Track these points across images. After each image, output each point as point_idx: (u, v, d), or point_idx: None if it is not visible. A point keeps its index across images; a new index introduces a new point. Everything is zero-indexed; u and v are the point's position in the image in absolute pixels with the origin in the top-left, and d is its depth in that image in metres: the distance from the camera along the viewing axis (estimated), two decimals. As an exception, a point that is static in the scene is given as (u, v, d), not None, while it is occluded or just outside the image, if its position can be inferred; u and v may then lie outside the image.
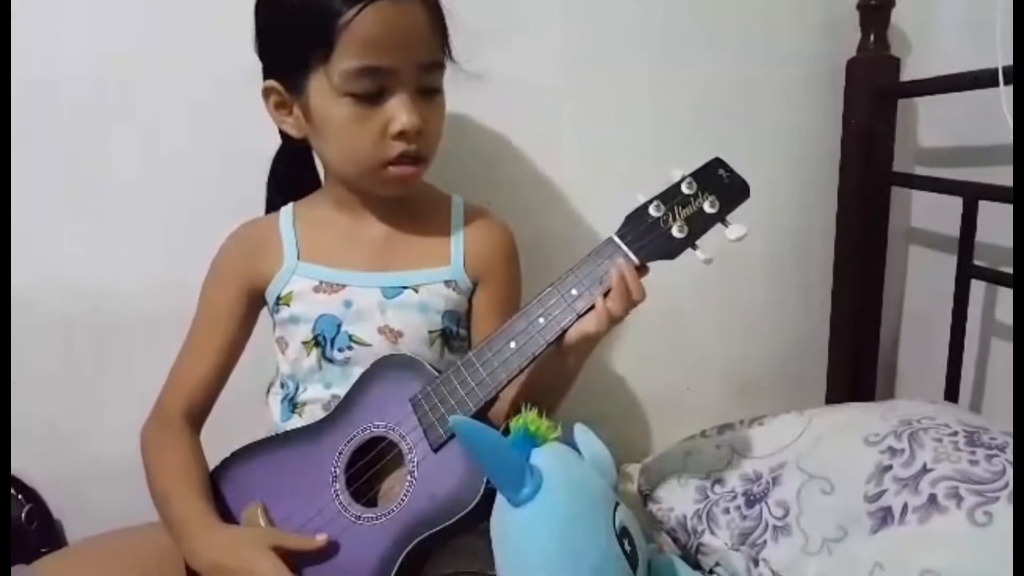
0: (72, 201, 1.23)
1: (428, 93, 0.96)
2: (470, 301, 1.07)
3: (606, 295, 0.86)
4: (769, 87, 1.36)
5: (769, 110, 1.37)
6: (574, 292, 0.87)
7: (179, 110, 1.22)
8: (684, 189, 0.88)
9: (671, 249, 0.87)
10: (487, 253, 1.08)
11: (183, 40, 1.20)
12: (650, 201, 0.88)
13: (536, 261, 1.18)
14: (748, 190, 0.89)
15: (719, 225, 0.87)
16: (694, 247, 0.87)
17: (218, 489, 0.97)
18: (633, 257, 0.87)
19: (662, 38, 1.32)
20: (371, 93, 0.91)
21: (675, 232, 0.87)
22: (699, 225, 0.87)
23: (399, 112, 0.92)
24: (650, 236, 0.87)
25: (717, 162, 0.90)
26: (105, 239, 1.25)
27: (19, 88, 1.14)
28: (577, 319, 0.87)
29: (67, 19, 1.17)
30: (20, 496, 1.28)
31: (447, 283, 1.04)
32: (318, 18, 0.88)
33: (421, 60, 0.93)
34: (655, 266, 0.88)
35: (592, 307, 0.87)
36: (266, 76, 0.98)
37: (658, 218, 0.87)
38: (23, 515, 1.26)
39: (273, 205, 1.12)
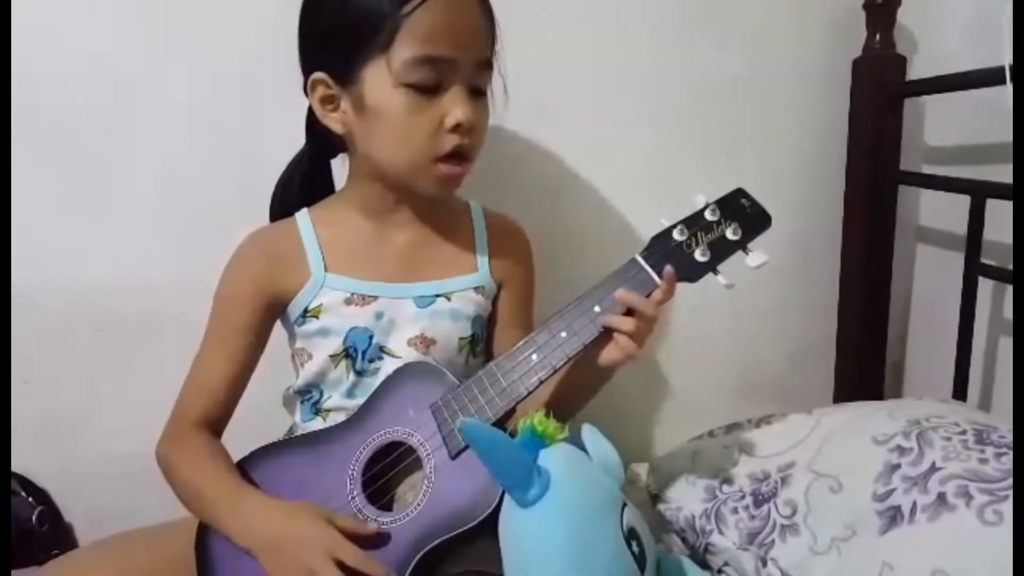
0: (72, 200, 1.24)
1: (477, 94, 0.96)
2: (492, 304, 1.08)
3: (628, 313, 0.88)
4: (775, 87, 1.36)
5: (775, 110, 1.37)
6: (596, 308, 0.89)
7: (179, 109, 1.23)
8: (708, 216, 0.91)
9: (693, 272, 0.89)
10: (510, 257, 1.09)
11: (183, 39, 1.20)
12: (674, 225, 0.91)
13: (550, 266, 1.19)
14: (769, 220, 0.92)
15: (740, 252, 0.90)
16: (715, 272, 0.89)
17: None
18: (656, 278, 0.89)
19: (668, 39, 1.33)
20: (429, 85, 0.91)
21: (698, 256, 0.89)
22: (721, 251, 0.90)
23: (455, 106, 0.92)
24: (673, 259, 0.89)
25: (740, 192, 0.93)
26: (104, 238, 1.25)
27: (19, 87, 1.15)
28: (599, 335, 0.88)
29: (67, 18, 1.18)
30: (31, 499, 1.28)
31: (477, 289, 1.05)
32: (382, 5, 0.88)
33: (478, 57, 0.94)
34: (678, 294, 0.90)
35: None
36: (312, 69, 0.96)
37: (682, 242, 0.90)
38: (34, 517, 1.26)
39: (281, 211, 1.10)
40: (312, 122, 1.03)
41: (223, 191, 1.22)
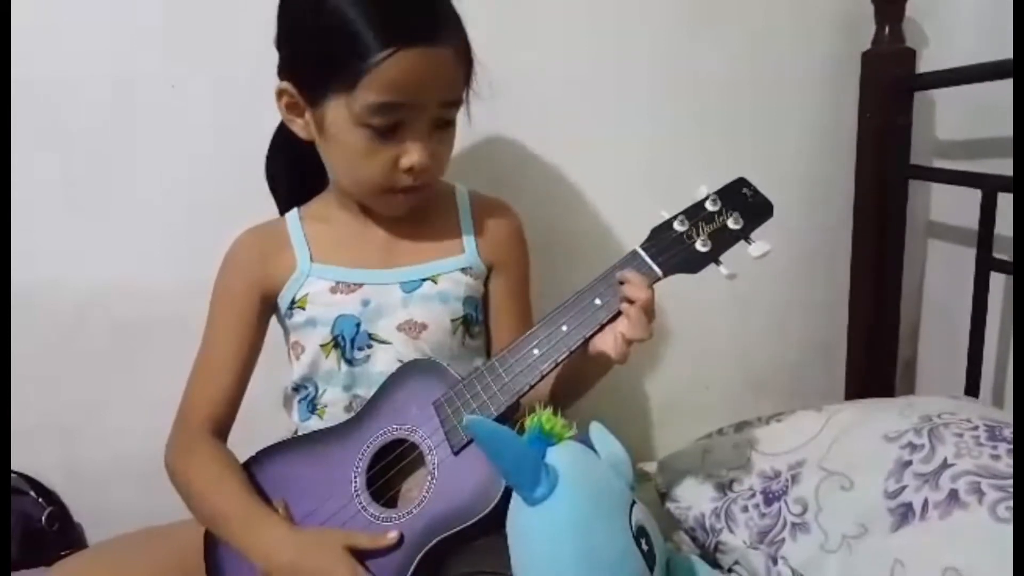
0: (72, 200, 1.24)
1: (442, 125, 0.96)
2: (485, 286, 1.08)
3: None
4: (784, 82, 1.35)
5: (784, 105, 1.37)
6: (597, 302, 0.88)
7: (179, 110, 1.23)
8: (709, 206, 0.90)
9: (694, 263, 0.89)
10: (499, 238, 1.09)
11: (184, 39, 1.21)
12: (675, 216, 0.90)
13: (549, 265, 1.18)
14: (772, 209, 0.91)
15: (743, 242, 0.89)
16: (717, 262, 0.89)
17: None
18: (657, 269, 0.88)
19: (676, 35, 1.32)
20: (389, 127, 0.92)
21: (699, 247, 0.88)
22: (723, 241, 0.89)
23: (412, 150, 0.93)
24: (674, 250, 0.89)
25: (742, 181, 0.92)
26: (104, 239, 1.26)
27: (19, 87, 1.15)
28: (600, 328, 0.88)
29: (67, 18, 1.18)
30: (41, 499, 1.29)
31: (464, 270, 1.05)
32: (349, 50, 0.87)
33: (442, 100, 0.94)
34: (678, 279, 0.89)
35: (615, 316, 0.87)
36: (282, 76, 0.97)
37: (682, 233, 0.89)
38: (44, 518, 1.26)
39: (287, 201, 1.11)
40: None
41: (223, 191, 1.22)
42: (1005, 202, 1.12)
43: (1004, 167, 1.12)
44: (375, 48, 0.86)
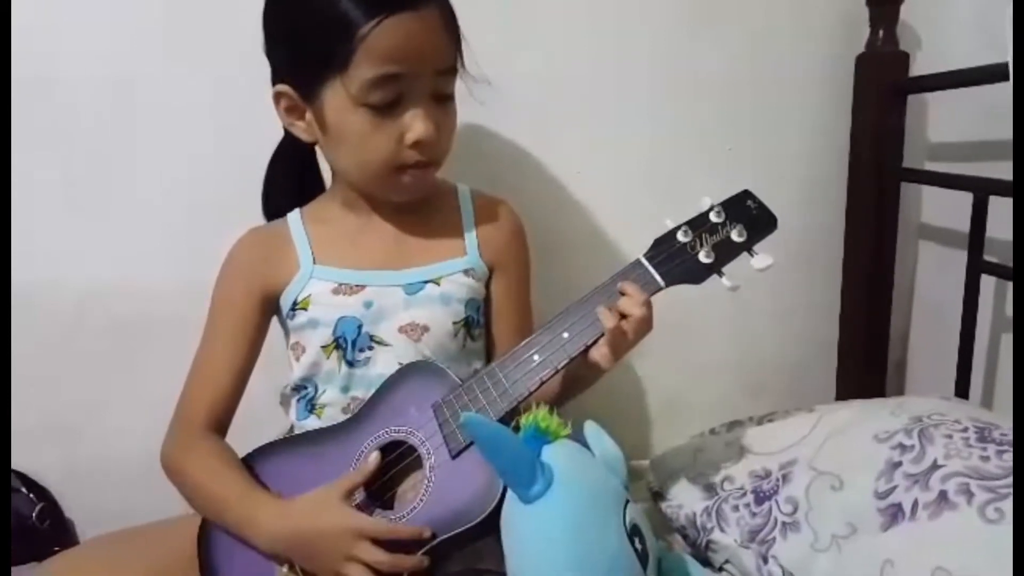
0: (72, 200, 1.24)
1: (442, 99, 0.96)
2: (486, 287, 1.09)
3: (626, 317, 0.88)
4: (778, 84, 1.36)
5: (778, 107, 1.37)
6: (599, 309, 0.88)
7: (179, 109, 1.23)
8: (713, 217, 0.90)
9: (697, 274, 0.89)
10: (501, 239, 1.09)
11: (183, 39, 1.21)
12: (678, 227, 0.91)
13: (548, 266, 1.19)
14: (776, 222, 0.92)
15: (745, 254, 0.90)
16: (720, 273, 0.89)
17: None
18: (659, 279, 0.89)
19: (676, 35, 1.32)
20: (388, 102, 0.92)
21: (702, 258, 0.89)
22: (726, 253, 0.89)
23: (416, 122, 0.93)
24: (677, 260, 0.90)
25: (746, 194, 0.93)
26: (104, 238, 1.26)
27: (19, 87, 1.15)
28: (601, 336, 0.88)
29: (67, 18, 1.18)
30: (32, 495, 1.28)
31: (466, 272, 1.05)
32: (336, 29, 0.88)
33: (438, 67, 0.94)
34: (679, 289, 0.90)
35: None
36: (277, 80, 0.98)
37: (686, 243, 0.90)
38: (35, 514, 1.26)
39: (275, 209, 1.11)
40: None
41: (223, 191, 1.23)
42: (996, 205, 1.12)
43: (996, 170, 1.12)
44: (361, 21, 0.87)
